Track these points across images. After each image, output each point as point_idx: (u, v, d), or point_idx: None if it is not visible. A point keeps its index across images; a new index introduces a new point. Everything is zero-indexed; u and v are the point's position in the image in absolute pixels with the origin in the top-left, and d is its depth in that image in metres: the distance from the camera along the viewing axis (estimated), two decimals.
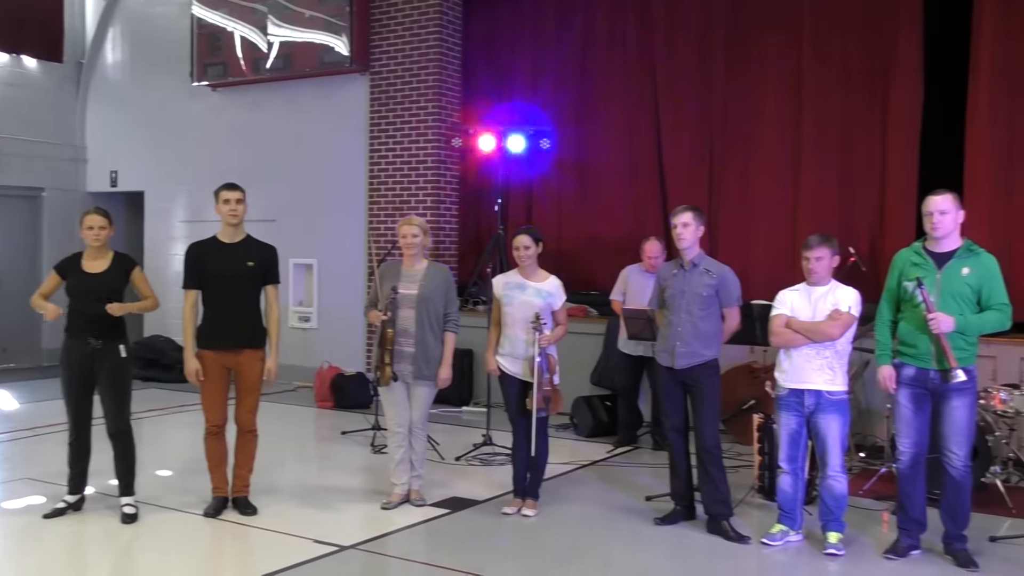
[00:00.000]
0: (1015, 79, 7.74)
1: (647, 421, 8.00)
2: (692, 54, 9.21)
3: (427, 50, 10.12)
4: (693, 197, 8.73)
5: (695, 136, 9.20)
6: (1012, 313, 4.95)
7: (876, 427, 7.46)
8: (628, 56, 9.58)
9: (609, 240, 9.58)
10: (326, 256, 10.85)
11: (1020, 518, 5.69)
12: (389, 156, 10.41)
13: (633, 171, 9.55)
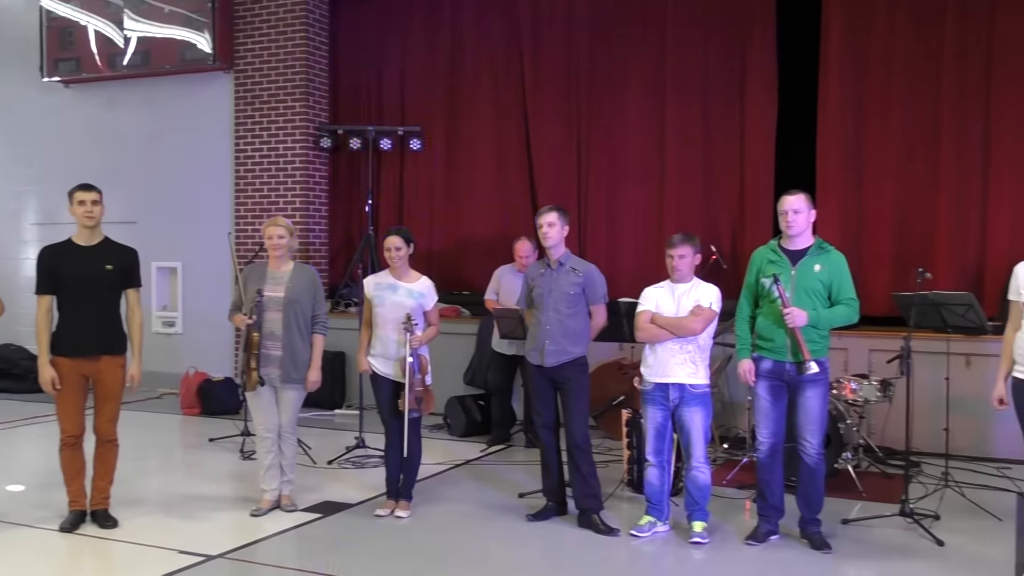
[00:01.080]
0: (862, 83, 8.17)
1: (520, 419, 8.08)
2: (558, 54, 9.34)
3: (293, 48, 9.95)
4: (562, 197, 8.90)
5: (563, 137, 9.34)
6: (859, 307, 5.22)
7: (738, 419, 7.75)
8: (496, 55, 9.65)
9: (481, 240, 9.63)
10: (191, 259, 10.54)
11: (870, 501, 5.99)
12: (256, 156, 10.19)
13: (503, 171, 9.63)
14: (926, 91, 7.97)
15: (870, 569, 4.96)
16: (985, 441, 7.11)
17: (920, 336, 6.64)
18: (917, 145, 8.03)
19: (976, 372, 6.95)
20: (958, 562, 4.99)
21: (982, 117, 7.81)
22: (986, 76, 7.78)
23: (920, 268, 5.98)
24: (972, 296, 6.09)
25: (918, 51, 7.98)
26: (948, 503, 5.96)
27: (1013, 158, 7.69)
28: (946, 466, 6.36)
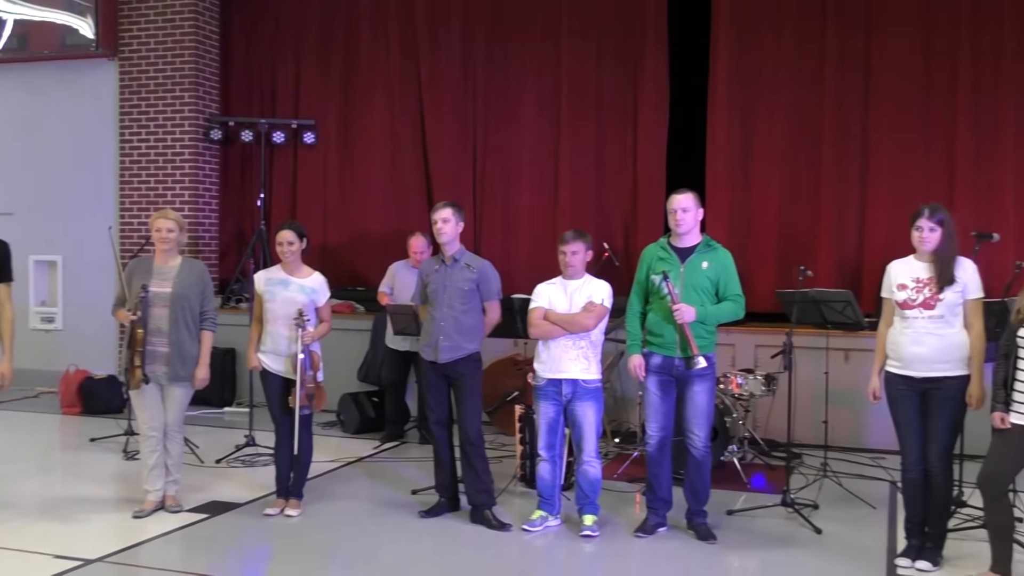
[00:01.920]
0: (749, 90, 8.41)
1: (414, 416, 8.05)
2: (455, 52, 9.33)
3: (182, 36, 9.68)
4: (458, 194, 8.90)
5: (459, 133, 9.33)
6: (745, 303, 5.37)
7: (630, 413, 7.89)
8: (392, 51, 9.57)
9: (375, 236, 9.55)
10: (73, 252, 10.12)
11: (754, 492, 6.18)
12: (142, 147, 9.86)
13: (399, 167, 9.56)
14: (809, 99, 8.25)
15: (753, 558, 5.12)
16: (862, 432, 7.41)
17: (802, 332, 6.88)
18: (800, 150, 8.30)
19: (854, 366, 7.22)
20: (835, 549, 5.19)
21: (860, 125, 8.13)
22: (864, 87, 8.11)
23: (802, 266, 6.21)
24: (850, 293, 6.35)
25: (802, 61, 8.25)
26: (826, 493, 6.20)
27: (889, 165, 8.03)
28: (825, 457, 6.62)
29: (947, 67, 7.89)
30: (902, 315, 4.83)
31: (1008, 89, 7.72)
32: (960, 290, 4.73)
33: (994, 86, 7.77)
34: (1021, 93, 7.70)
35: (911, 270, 4.86)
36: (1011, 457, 4.43)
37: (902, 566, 4.85)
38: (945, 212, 4.79)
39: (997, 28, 7.75)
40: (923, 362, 4.73)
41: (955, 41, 7.85)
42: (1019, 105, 7.70)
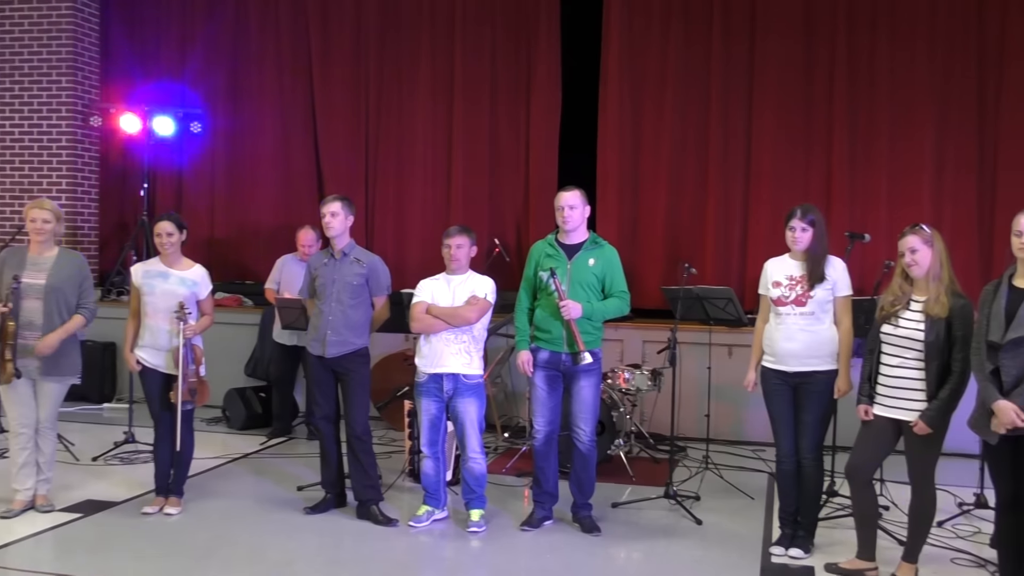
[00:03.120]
0: (639, 91, 8.57)
1: (303, 411, 7.94)
2: (347, 43, 9.23)
3: (59, 19, 9.31)
4: (350, 187, 8.82)
5: (351, 126, 9.25)
6: (631, 300, 5.48)
7: (520, 408, 7.95)
8: (282, 40, 9.41)
9: (264, 229, 9.38)
10: None
11: (640, 485, 6.31)
12: (15, 133, 9.46)
13: (288, 158, 9.42)
14: (696, 100, 8.46)
15: (636, 549, 5.22)
16: (743, 426, 7.65)
17: (687, 328, 7.07)
18: (688, 150, 8.51)
19: (737, 362, 7.42)
20: (714, 539, 5.34)
21: (744, 127, 8.39)
22: (748, 90, 8.36)
23: (686, 263, 6.36)
24: (731, 290, 6.54)
25: (689, 63, 8.46)
26: (708, 484, 6.38)
27: (771, 167, 8.30)
28: (707, 450, 6.81)
29: (825, 74, 8.20)
30: (776, 311, 5.00)
31: (882, 97, 8.07)
32: (830, 288, 4.92)
33: (869, 94, 8.10)
34: (894, 101, 8.05)
35: (785, 268, 5.03)
36: (875, 448, 4.64)
37: (776, 554, 5.02)
38: (816, 213, 4.98)
39: (871, 39, 8.09)
40: (795, 357, 4.91)
41: (832, 50, 8.16)
42: (892, 113, 8.06)
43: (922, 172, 8.03)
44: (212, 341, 5.68)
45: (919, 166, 8.03)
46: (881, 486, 5.82)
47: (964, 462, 6.08)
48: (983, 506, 5.73)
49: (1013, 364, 4.03)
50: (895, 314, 4.55)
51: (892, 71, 8.05)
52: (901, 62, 8.04)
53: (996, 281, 4.22)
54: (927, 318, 4.45)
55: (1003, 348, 4.04)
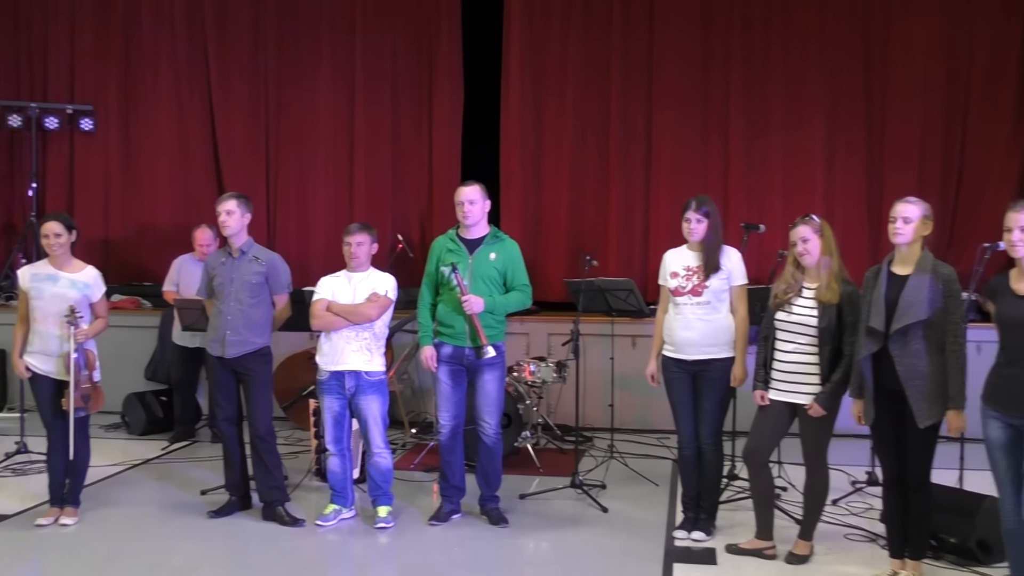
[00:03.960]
0: (540, 86, 8.64)
1: (206, 414, 7.78)
2: (245, 38, 9.06)
3: None
4: (250, 185, 8.68)
5: (251, 123, 9.09)
6: (536, 293, 5.52)
7: (428, 404, 7.94)
8: (177, 33, 9.17)
9: (162, 229, 9.15)
10: None
11: (547, 476, 6.36)
12: None
13: (186, 156, 9.20)
14: (597, 95, 8.57)
15: (543, 539, 5.28)
16: (647, 414, 7.77)
17: (591, 320, 7.17)
18: (589, 144, 8.62)
19: (641, 352, 7.54)
20: (620, 526, 5.43)
21: (645, 122, 8.53)
22: (648, 85, 8.50)
23: (587, 256, 6.44)
24: (632, 282, 6.65)
25: (590, 58, 8.57)
26: (614, 473, 6.49)
27: (670, 160, 8.46)
28: (611, 439, 6.92)
29: (722, 70, 8.40)
30: (674, 302, 5.11)
31: (776, 93, 8.31)
32: (726, 277, 5.05)
33: (764, 89, 8.33)
34: (787, 97, 8.30)
35: (682, 259, 5.15)
36: (771, 431, 4.79)
37: (679, 537, 5.14)
38: (711, 204, 5.10)
39: (765, 37, 8.32)
40: (693, 346, 5.03)
41: (728, 46, 8.37)
42: (785, 108, 8.30)
43: (814, 165, 8.29)
44: (110, 345, 5.53)
45: (811, 159, 8.29)
46: (779, 468, 6.01)
47: (857, 442, 6.31)
48: (874, 484, 5.95)
49: (903, 354, 4.19)
50: (788, 301, 4.70)
51: (785, 68, 8.30)
52: (793, 59, 8.29)
53: (876, 268, 4.40)
54: (819, 305, 4.61)
55: (891, 338, 4.21)
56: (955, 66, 8.12)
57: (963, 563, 4.70)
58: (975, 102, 8.10)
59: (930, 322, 4.16)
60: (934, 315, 4.15)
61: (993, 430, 3.91)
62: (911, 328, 4.16)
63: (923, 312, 4.14)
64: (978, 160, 8.11)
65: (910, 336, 4.17)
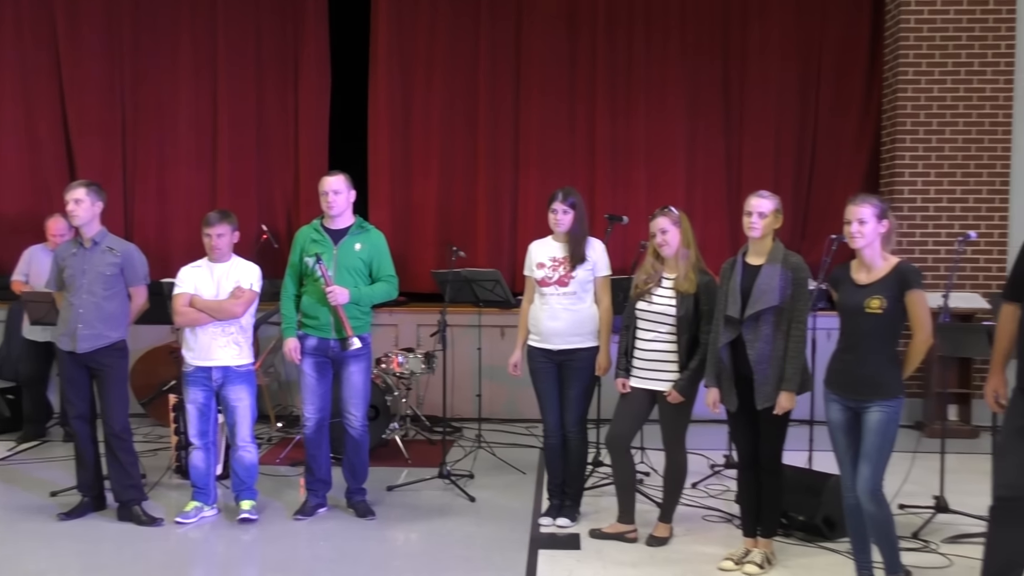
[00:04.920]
0: (408, 76, 8.59)
1: (58, 412, 7.44)
2: (97, 16, 8.61)
3: None
4: (105, 172, 8.35)
5: (105, 104, 8.68)
6: (405, 284, 5.50)
7: (295, 398, 7.79)
8: (22, 12, 8.66)
9: (10, 218, 8.66)
10: None
11: (416, 467, 6.36)
12: None
13: (33, 140, 8.71)
14: (465, 86, 8.59)
15: (411, 530, 5.27)
16: (515, 404, 7.86)
17: (459, 311, 7.20)
18: (458, 135, 8.63)
19: (509, 342, 7.54)
20: (487, 515, 5.48)
21: (512, 113, 8.61)
22: (516, 77, 8.57)
23: (454, 247, 6.45)
24: (498, 273, 6.71)
25: (457, 49, 8.57)
26: (482, 462, 6.54)
27: (538, 152, 8.56)
28: (480, 429, 6.97)
29: (588, 63, 8.54)
30: (541, 292, 5.18)
31: (639, 88, 8.51)
32: (591, 268, 5.15)
33: (628, 84, 8.52)
34: (650, 91, 8.51)
35: (548, 250, 5.22)
36: (632, 418, 4.92)
37: (544, 524, 5.22)
38: (577, 196, 5.19)
39: (628, 32, 8.50)
40: (558, 335, 5.11)
41: (594, 40, 8.51)
42: (648, 102, 8.51)
43: (676, 157, 8.54)
44: None
45: (674, 152, 8.54)
46: (642, 454, 6.18)
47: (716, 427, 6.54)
48: (732, 467, 6.19)
49: (755, 338, 4.37)
50: (648, 291, 4.83)
51: (647, 62, 8.50)
52: (655, 54, 8.50)
53: (732, 259, 4.57)
54: (677, 294, 4.75)
55: (744, 324, 4.38)
56: (808, 62, 8.50)
57: (810, 539, 4.94)
58: (826, 97, 8.50)
59: (780, 309, 4.35)
60: (784, 302, 4.35)
61: (834, 412, 4.12)
62: (763, 314, 4.34)
63: (774, 299, 4.32)
64: (829, 154, 8.52)
65: (761, 322, 4.35)
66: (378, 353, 7.04)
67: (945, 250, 7.76)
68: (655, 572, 4.58)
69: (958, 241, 5.43)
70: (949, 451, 5.52)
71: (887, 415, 3.95)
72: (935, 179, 7.91)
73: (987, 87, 7.82)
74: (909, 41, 7.86)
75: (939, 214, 7.92)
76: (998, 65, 7.80)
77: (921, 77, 7.86)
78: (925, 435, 7.27)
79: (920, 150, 7.91)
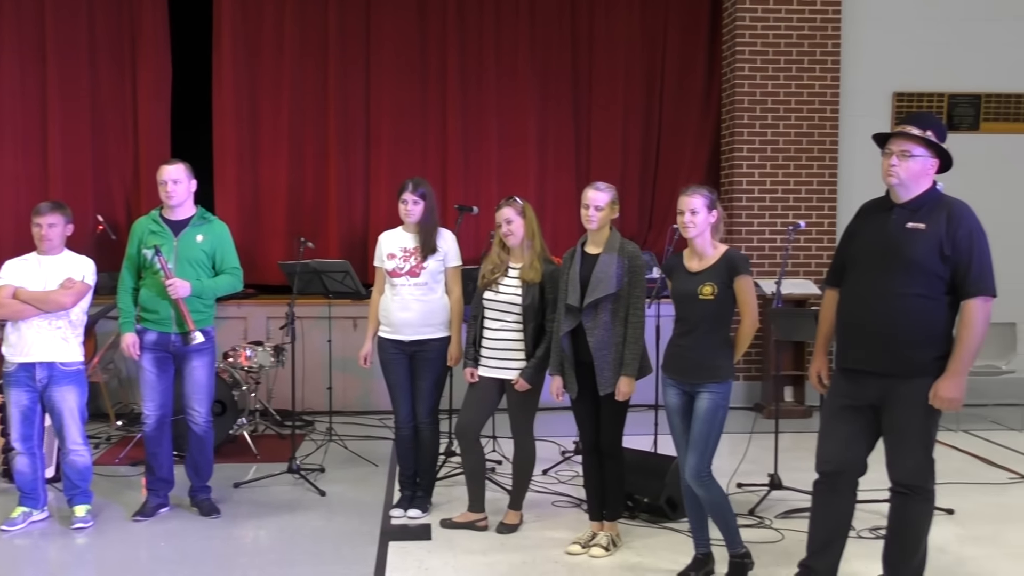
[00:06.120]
0: (255, 62, 8.36)
1: None
2: None
3: None
4: None
5: None
6: (255, 276, 5.35)
7: (136, 395, 7.49)
8: None
9: None
10: None
11: (265, 463, 6.23)
12: None
13: None
14: (314, 74, 8.41)
15: (259, 527, 5.15)
16: (368, 396, 7.81)
17: (309, 302, 7.08)
18: (307, 124, 8.46)
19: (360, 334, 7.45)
20: (337, 508, 5.42)
21: (363, 102, 8.49)
22: (366, 64, 8.46)
23: (302, 238, 6.34)
24: (348, 264, 6.63)
25: (306, 35, 8.38)
26: (333, 456, 6.47)
27: (390, 141, 8.49)
28: (330, 422, 6.89)
29: (439, 51, 8.51)
30: (391, 283, 5.15)
31: (490, 77, 8.55)
32: (442, 258, 5.16)
33: (479, 73, 8.55)
34: (500, 81, 8.57)
35: (399, 240, 5.20)
36: (481, 407, 4.96)
37: (395, 516, 5.21)
38: (427, 186, 5.18)
39: (479, 20, 8.53)
40: (410, 326, 5.10)
41: (444, 28, 8.49)
42: (499, 92, 8.57)
43: (527, 148, 8.63)
44: None
45: (524, 142, 8.62)
46: (493, 443, 6.25)
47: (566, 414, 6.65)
48: (580, 453, 6.32)
49: (594, 326, 4.47)
50: (495, 281, 4.88)
51: (497, 52, 8.56)
52: (506, 44, 8.56)
53: (572, 249, 4.66)
54: (523, 283, 4.81)
55: (584, 312, 4.48)
56: (652, 56, 8.74)
57: (655, 520, 5.11)
58: (670, 90, 8.77)
59: (618, 296, 4.47)
60: (621, 290, 4.47)
61: (671, 396, 4.26)
62: (601, 302, 4.45)
63: (612, 287, 4.44)
64: (673, 146, 8.80)
65: (600, 310, 4.46)
66: (226, 347, 6.88)
67: (780, 239, 8.15)
68: (505, 559, 4.64)
69: (789, 230, 5.69)
70: (784, 431, 5.82)
71: (715, 401, 4.10)
72: (771, 171, 8.29)
73: (816, 84, 8.24)
74: (745, 38, 8.20)
75: (775, 204, 8.30)
76: (826, 63, 8.24)
77: (757, 73, 8.22)
78: (763, 416, 7.63)
79: (757, 143, 8.27)
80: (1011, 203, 8.20)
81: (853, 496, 3.94)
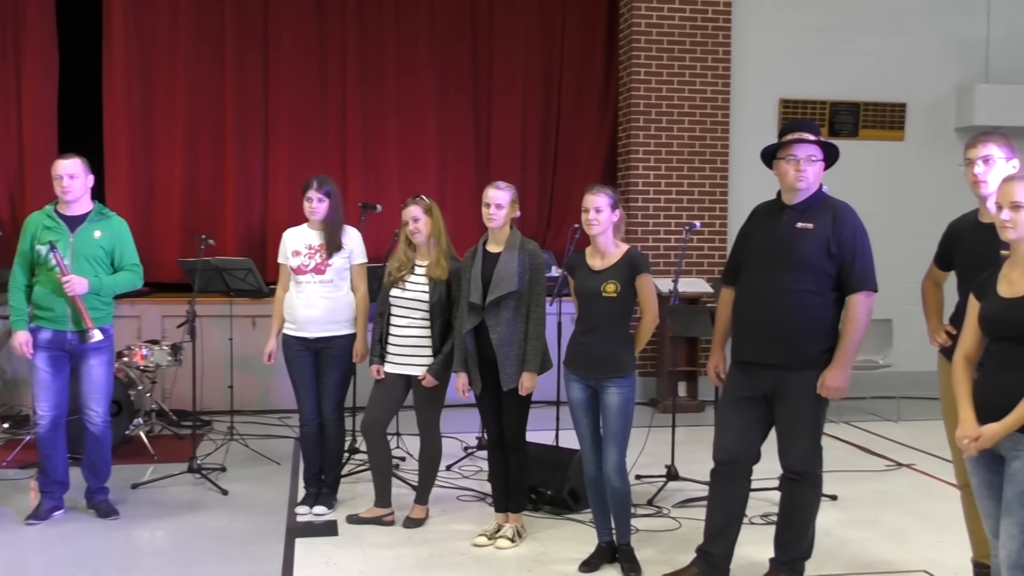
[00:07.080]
0: (148, 55, 8.15)
1: None
2: None
3: None
4: None
5: None
6: (148, 273, 5.25)
7: (23, 396, 7.26)
8: None
9: None
10: None
11: (163, 463, 6.12)
12: None
13: None
14: (210, 71, 8.25)
15: (158, 528, 5.07)
16: (269, 394, 7.73)
17: (208, 300, 6.97)
18: (204, 120, 8.30)
19: (261, 332, 7.42)
20: (240, 507, 5.37)
21: (262, 100, 8.37)
22: (264, 63, 8.34)
23: (203, 235, 6.25)
24: (250, 261, 6.56)
25: (201, 31, 8.21)
26: (234, 455, 6.40)
27: (288, 139, 8.39)
28: (231, 421, 6.81)
29: (338, 51, 8.47)
30: (296, 280, 5.15)
31: (389, 77, 8.55)
32: (347, 256, 5.18)
33: (379, 73, 8.54)
34: (400, 81, 8.57)
35: (304, 237, 5.19)
36: (387, 403, 5.00)
37: (301, 513, 5.20)
38: (332, 184, 5.19)
39: (379, 20, 8.52)
40: (315, 323, 5.10)
41: (343, 28, 8.46)
42: (399, 92, 8.57)
43: (428, 147, 8.67)
44: None
45: (425, 142, 8.66)
46: (397, 439, 6.29)
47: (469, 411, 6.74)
48: (484, 448, 6.42)
49: (496, 323, 4.57)
50: (402, 279, 4.93)
51: (398, 52, 8.56)
52: (406, 45, 8.57)
53: (474, 247, 4.75)
54: (430, 281, 4.87)
55: (486, 309, 4.57)
56: (551, 58, 8.90)
57: (558, 512, 5.24)
58: (568, 93, 8.95)
59: (519, 294, 4.57)
60: (522, 287, 4.57)
61: (574, 391, 4.38)
62: (503, 300, 4.55)
63: (513, 285, 4.54)
64: (571, 145, 8.98)
65: (502, 307, 4.56)
66: (120, 346, 6.71)
67: (675, 239, 8.42)
68: (413, 552, 4.69)
69: (685, 230, 5.90)
70: (679, 424, 6.03)
71: (624, 395, 4.25)
72: (665, 172, 8.55)
73: (708, 88, 8.54)
74: (640, 43, 8.43)
75: (669, 205, 8.57)
76: (717, 69, 8.55)
77: (652, 77, 8.46)
78: (659, 411, 7.87)
79: (652, 145, 8.51)
80: (888, 206, 8.64)
81: (748, 484, 4.14)
